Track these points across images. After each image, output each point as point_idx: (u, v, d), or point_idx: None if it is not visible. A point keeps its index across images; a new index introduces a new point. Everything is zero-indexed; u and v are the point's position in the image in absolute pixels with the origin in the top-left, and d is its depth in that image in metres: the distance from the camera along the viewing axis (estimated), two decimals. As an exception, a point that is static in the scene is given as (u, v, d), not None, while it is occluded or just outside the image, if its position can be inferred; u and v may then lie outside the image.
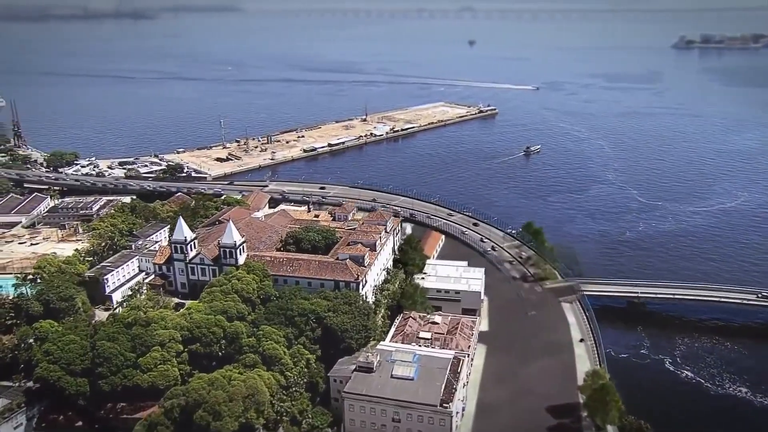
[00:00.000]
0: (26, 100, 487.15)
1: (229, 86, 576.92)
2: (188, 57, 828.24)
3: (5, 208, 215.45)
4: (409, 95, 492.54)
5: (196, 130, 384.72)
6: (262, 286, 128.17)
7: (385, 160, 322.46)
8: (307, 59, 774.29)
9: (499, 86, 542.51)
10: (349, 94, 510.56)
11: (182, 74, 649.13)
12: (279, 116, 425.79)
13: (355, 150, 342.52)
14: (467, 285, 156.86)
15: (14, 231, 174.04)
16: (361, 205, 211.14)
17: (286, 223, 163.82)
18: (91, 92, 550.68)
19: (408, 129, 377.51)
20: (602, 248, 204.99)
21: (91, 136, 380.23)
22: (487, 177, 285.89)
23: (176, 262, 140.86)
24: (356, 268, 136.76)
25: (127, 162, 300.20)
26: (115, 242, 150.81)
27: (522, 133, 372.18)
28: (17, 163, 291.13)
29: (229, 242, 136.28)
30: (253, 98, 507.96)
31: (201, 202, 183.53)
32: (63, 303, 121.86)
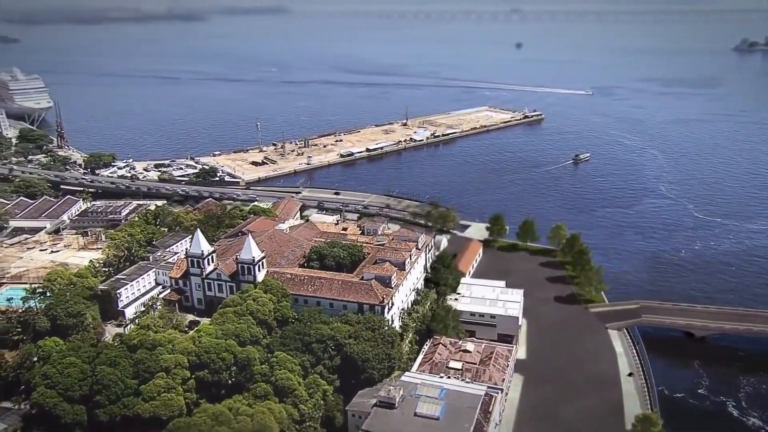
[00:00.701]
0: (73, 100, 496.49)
1: (271, 88, 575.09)
2: (234, 58, 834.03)
3: (37, 210, 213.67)
4: (453, 99, 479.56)
5: (234, 133, 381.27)
6: (280, 307, 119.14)
7: (424, 166, 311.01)
8: (351, 61, 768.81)
9: (551, 90, 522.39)
10: (391, 98, 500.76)
11: (226, 75, 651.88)
12: (319, 119, 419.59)
13: (394, 156, 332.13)
14: (504, 309, 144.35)
15: (37, 237, 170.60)
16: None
17: (311, 236, 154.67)
18: (135, 93, 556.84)
19: (449, 134, 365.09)
20: (654, 269, 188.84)
21: (132, 136, 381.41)
22: (531, 187, 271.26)
23: (193, 277, 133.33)
24: (382, 289, 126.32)
25: (163, 164, 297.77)
26: (132, 253, 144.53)
27: (569, 140, 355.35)
28: (57, 165, 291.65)
29: (247, 258, 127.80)
30: (295, 100, 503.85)
31: (226, 211, 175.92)
32: (71, 319, 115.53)
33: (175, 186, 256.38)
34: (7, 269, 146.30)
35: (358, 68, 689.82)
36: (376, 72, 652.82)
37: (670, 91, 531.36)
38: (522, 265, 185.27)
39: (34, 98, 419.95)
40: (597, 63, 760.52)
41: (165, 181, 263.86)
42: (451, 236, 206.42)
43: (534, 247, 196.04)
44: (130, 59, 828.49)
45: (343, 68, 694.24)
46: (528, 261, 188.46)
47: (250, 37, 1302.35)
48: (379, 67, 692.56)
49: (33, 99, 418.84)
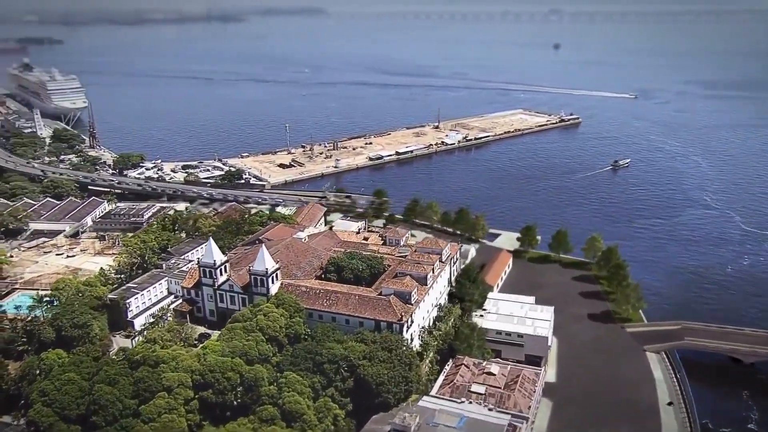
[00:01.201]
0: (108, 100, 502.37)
1: (303, 89, 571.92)
2: (268, 59, 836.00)
3: (62, 211, 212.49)
4: (486, 101, 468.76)
5: (263, 134, 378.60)
6: (292, 323, 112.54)
7: (455, 171, 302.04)
8: (384, 62, 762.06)
9: (590, 93, 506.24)
10: (423, 100, 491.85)
11: (259, 76, 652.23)
12: (349, 120, 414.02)
13: (424, 159, 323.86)
14: (532, 327, 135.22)
15: (55, 240, 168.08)
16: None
17: (331, 245, 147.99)
18: (168, 93, 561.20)
19: (482, 138, 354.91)
20: (697, 286, 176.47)
21: (163, 137, 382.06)
22: (566, 194, 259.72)
23: (205, 288, 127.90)
24: (401, 306, 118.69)
25: (190, 166, 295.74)
26: (146, 260, 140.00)
27: (607, 145, 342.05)
28: (86, 165, 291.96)
29: (260, 269, 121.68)
30: (326, 101, 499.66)
31: (246, 217, 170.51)
32: (76, 330, 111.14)
33: (200, 188, 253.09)
34: (21, 274, 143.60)
35: (391, 69, 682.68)
36: (409, 73, 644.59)
37: (714, 94, 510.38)
38: (554, 278, 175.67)
39: (70, 98, 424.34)
40: (637, 64, 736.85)
41: (190, 183, 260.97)
42: (479, 246, 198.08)
43: (567, 260, 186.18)
44: (165, 60, 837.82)
45: (376, 69, 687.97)
46: (560, 274, 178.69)
47: (286, 38, 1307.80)
48: (412, 69, 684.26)
49: (69, 99, 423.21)
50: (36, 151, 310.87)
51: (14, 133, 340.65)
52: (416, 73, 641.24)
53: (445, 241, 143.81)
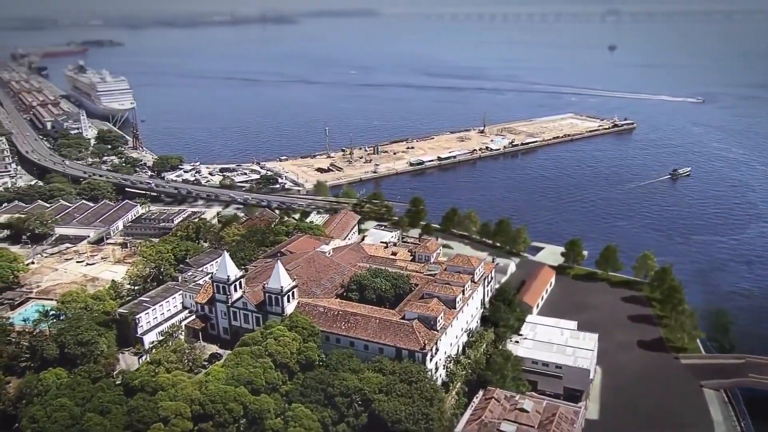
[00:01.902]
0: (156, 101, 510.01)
1: (348, 91, 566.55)
2: (316, 60, 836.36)
3: (95, 215, 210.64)
4: (536, 105, 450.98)
5: (304, 136, 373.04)
6: (305, 348, 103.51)
7: (499, 178, 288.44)
8: (433, 64, 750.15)
9: (648, 97, 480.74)
10: (469, 102, 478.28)
11: (306, 77, 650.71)
12: (392, 124, 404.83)
13: (467, 165, 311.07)
14: (573, 358, 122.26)
15: (78, 246, 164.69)
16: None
17: (356, 260, 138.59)
18: (215, 94, 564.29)
19: (529, 143, 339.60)
20: (764, 312, 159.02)
21: (205, 138, 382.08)
22: (617, 205, 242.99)
23: (219, 304, 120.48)
24: (425, 332, 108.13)
25: (227, 169, 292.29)
26: (161, 272, 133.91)
27: (665, 153, 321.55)
28: (126, 167, 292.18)
29: (275, 287, 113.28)
30: (370, 104, 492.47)
31: (271, 226, 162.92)
32: (79, 348, 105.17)
33: (234, 193, 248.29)
34: (38, 282, 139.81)
35: (438, 71, 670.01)
36: (456, 75, 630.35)
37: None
38: (600, 298, 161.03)
39: (118, 99, 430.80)
40: (701, 66, 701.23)
41: (225, 188, 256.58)
42: (520, 260, 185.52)
43: (616, 278, 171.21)
44: (216, 61, 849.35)
45: (423, 71, 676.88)
46: (608, 294, 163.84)
47: (337, 39, 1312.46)
48: (459, 70, 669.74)
49: (117, 100, 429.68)
50: (80, 152, 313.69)
51: (62, 134, 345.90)
52: (464, 75, 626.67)
53: (478, 259, 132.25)
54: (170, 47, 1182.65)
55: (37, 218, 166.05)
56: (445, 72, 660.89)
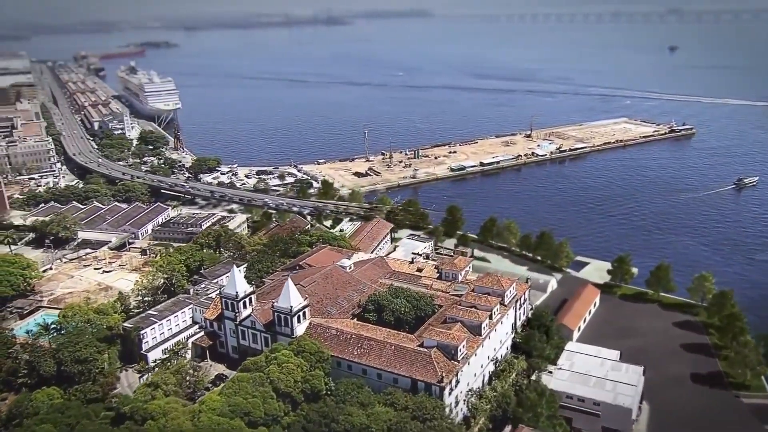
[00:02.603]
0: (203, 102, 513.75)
1: (394, 92, 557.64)
2: (365, 61, 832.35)
3: (125, 217, 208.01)
4: (587, 109, 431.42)
5: (345, 139, 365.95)
6: (311, 376, 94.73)
7: (544, 185, 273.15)
8: (482, 65, 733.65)
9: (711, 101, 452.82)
10: (517, 105, 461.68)
11: (353, 79, 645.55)
12: (436, 127, 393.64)
13: (512, 172, 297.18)
14: (613, 393, 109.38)
15: (98, 252, 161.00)
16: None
17: (378, 276, 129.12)
18: (261, 95, 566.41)
19: (578, 149, 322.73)
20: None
21: (246, 139, 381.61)
22: (673, 218, 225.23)
23: (227, 321, 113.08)
24: (444, 362, 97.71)
25: (264, 171, 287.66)
26: (173, 283, 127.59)
27: (728, 161, 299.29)
28: (164, 168, 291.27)
29: (284, 307, 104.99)
30: (414, 106, 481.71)
31: (295, 235, 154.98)
32: (76, 366, 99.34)
33: (267, 197, 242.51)
34: (52, 290, 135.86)
35: (486, 73, 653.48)
36: (506, 77, 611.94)
37: None
38: (650, 323, 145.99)
39: (164, 100, 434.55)
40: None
41: (259, 191, 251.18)
42: (562, 276, 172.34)
43: (669, 300, 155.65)
44: (264, 62, 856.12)
45: (471, 73, 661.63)
46: (658, 318, 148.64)
47: (387, 40, 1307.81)
48: (509, 72, 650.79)
49: (163, 100, 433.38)
50: (122, 152, 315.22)
51: (106, 134, 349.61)
52: (514, 77, 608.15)
53: (509, 280, 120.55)
54: (223, 48, 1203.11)
55: (60, 222, 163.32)
56: (493, 73, 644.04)
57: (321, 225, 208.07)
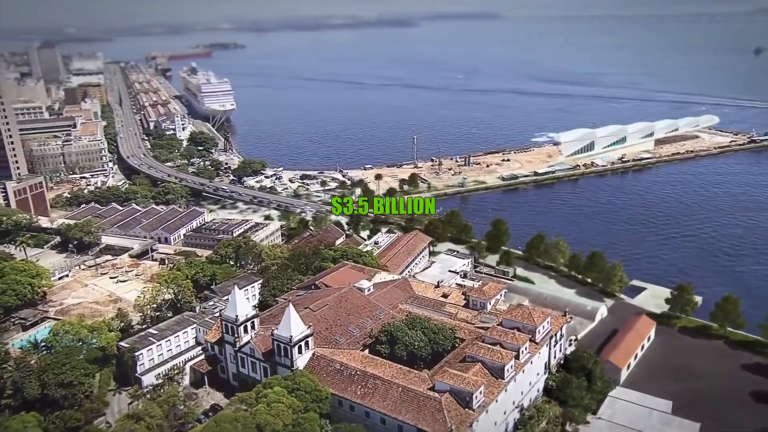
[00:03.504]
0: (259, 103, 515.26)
1: (451, 96, 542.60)
2: (427, 64, 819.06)
3: (160, 221, 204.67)
4: (656, 116, 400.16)
5: (394, 143, 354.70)
6: (304, 419, 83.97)
7: (601, 199, 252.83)
8: (545, 68, 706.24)
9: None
10: (580, 111, 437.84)
11: (411, 81, 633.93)
12: (492, 132, 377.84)
13: (568, 183, 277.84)
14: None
15: (118, 260, 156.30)
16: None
17: (399, 300, 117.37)
18: (317, 97, 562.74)
19: (642, 159, 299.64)
20: None
21: (296, 142, 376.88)
22: (746, 242, 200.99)
23: (228, 346, 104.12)
24: (457, 411, 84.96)
25: (308, 176, 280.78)
26: (179, 299, 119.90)
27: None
28: (209, 170, 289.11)
29: (284, 336, 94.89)
30: (472, 110, 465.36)
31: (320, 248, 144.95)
32: (59, 390, 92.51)
33: (305, 203, 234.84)
34: (62, 300, 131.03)
35: (549, 76, 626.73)
36: (569, 81, 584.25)
37: None
38: (713, 363, 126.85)
39: (219, 100, 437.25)
40: None
41: (298, 197, 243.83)
42: (615, 302, 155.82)
43: (737, 337, 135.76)
44: (325, 64, 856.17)
45: (534, 76, 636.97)
46: (724, 358, 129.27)
47: (450, 42, 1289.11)
48: (573, 76, 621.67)
49: (219, 101, 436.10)
50: (171, 152, 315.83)
51: (159, 135, 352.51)
52: (578, 82, 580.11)
53: (543, 313, 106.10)
54: (287, 50, 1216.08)
55: (83, 226, 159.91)
56: (557, 78, 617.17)
57: (357, 236, 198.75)
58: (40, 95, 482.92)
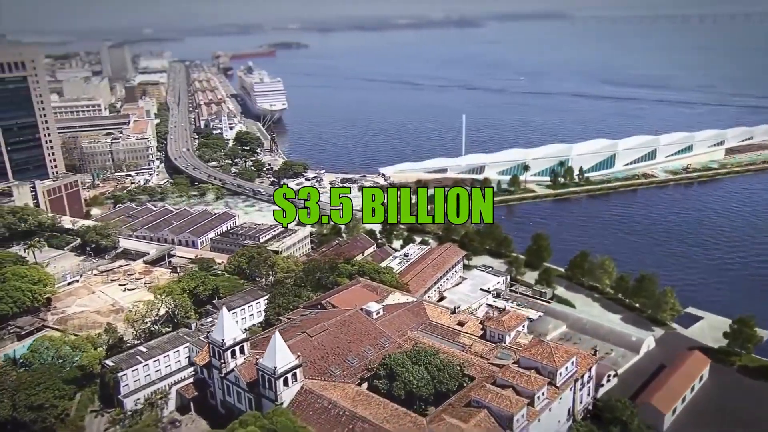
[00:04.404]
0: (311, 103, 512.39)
1: (510, 98, 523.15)
2: (489, 64, 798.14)
3: (189, 223, 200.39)
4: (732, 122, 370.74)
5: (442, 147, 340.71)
6: (276, 465, 74.52)
7: (658, 212, 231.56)
8: (613, 71, 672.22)
9: None
10: (645, 116, 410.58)
11: (470, 83, 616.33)
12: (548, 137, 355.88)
13: (625, 194, 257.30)
14: None
15: (131, 265, 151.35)
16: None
17: (408, 326, 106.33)
18: (371, 98, 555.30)
19: (711, 170, 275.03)
20: None
21: (344, 144, 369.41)
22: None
23: (215, 371, 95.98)
24: (451, 470, 73.42)
25: (349, 179, 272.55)
26: (175, 314, 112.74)
27: None
28: (250, 171, 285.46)
29: (268, 366, 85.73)
30: (531, 114, 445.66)
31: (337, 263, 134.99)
32: (29, 414, 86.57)
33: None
34: (65, 308, 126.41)
35: (616, 79, 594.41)
36: (637, 84, 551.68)
37: None
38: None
39: (270, 100, 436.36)
40: None
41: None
42: (665, 332, 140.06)
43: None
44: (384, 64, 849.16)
45: (600, 79, 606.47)
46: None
47: (516, 43, 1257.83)
48: (642, 79, 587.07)
49: (270, 101, 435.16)
50: (215, 152, 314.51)
51: (207, 134, 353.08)
52: (646, 85, 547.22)
53: (569, 352, 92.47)
54: (349, 50, 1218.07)
55: (100, 229, 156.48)
56: (624, 80, 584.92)
57: (389, 246, 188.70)
58: (103, 93, 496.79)
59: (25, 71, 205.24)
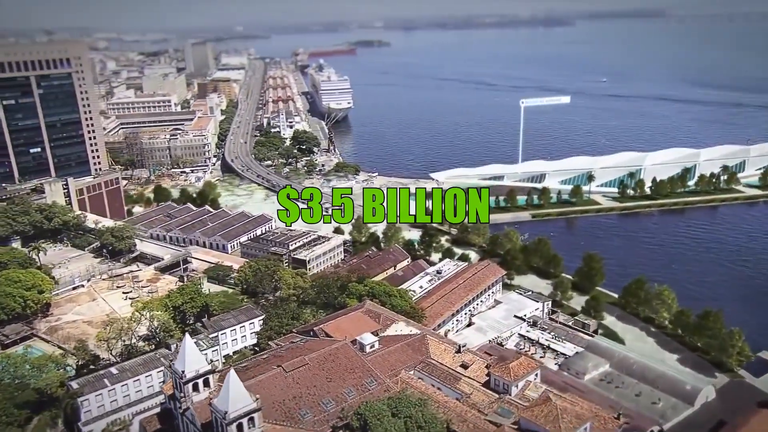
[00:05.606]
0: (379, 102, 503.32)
1: (588, 101, 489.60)
2: (570, 65, 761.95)
3: (223, 225, 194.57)
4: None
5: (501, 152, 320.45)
6: None
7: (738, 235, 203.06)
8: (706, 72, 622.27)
9: None
10: (741, 123, 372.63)
11: (547, 83, 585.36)
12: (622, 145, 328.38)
13: (704, 210, 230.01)
14: None
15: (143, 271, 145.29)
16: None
17: (403, 364, 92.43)
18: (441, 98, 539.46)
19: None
20: None
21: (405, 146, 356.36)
22: None
23: (178, 403, 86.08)
24: None
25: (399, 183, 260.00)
26: (156, 334, 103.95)
27: None
28: (301, 173, 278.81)
29: (220, 409, 74.58)
30: (608, 118, 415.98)
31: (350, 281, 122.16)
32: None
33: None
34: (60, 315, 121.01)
35: (712, 81, 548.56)
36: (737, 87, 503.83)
37: None
38: None
39: (337, 99, 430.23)
40: None
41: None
42: (729, 381, 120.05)
43: None
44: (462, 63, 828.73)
45: (694, 81, 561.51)
46: None
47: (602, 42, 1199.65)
48: (744, 81, 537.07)
49: (335, 99, 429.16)
50: (269, 151, 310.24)
51: (266, 132, 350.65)
52: (750, 88, 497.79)
53: (582, 416, 75.33)
54: (430, 48, 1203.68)
55: (117, 231, 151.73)
56: (720, 83, 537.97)
57: (426, 259, 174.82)
58: (179, 89, 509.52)
59: (70, 68, 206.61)
